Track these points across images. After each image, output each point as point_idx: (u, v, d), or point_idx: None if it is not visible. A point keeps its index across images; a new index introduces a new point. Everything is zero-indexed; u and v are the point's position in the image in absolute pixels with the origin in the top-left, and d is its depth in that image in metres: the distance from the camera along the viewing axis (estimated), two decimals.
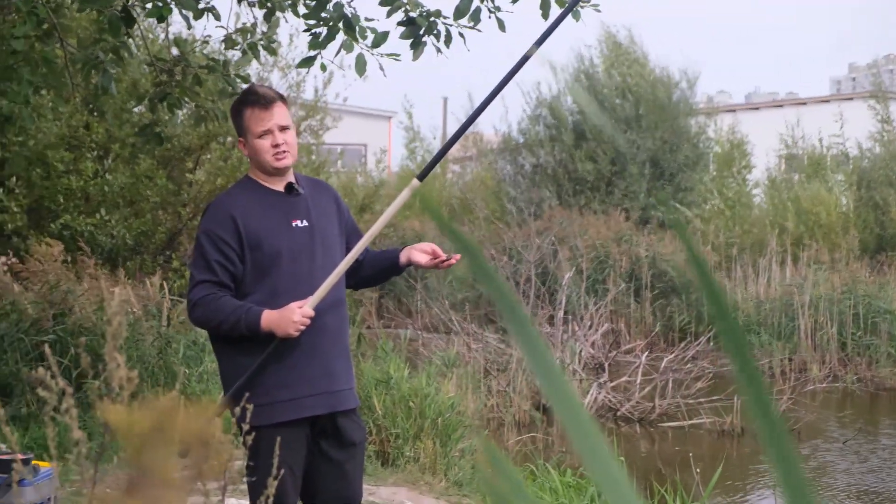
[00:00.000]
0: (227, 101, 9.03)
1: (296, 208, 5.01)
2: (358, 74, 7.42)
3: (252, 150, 5.01)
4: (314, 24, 7.40)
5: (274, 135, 4.95)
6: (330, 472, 5.08)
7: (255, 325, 4.75)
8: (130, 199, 14.07)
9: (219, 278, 4.85)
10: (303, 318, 4.76)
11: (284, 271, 4.90)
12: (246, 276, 4.91)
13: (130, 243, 13.67)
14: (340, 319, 5.07)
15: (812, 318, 18.00)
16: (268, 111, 4.97)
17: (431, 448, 9.07)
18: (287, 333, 4.74)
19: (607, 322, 17.85)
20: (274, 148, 4.95)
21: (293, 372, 4.88)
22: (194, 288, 4.87)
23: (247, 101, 5.03)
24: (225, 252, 4.86)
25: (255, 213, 4.94)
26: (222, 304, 4.79)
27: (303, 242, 4.95)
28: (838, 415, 15.03)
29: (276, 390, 4.86)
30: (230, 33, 8.55)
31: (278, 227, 4.94)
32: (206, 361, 10.40)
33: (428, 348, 14.97)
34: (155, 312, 10.86)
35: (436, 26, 7.41)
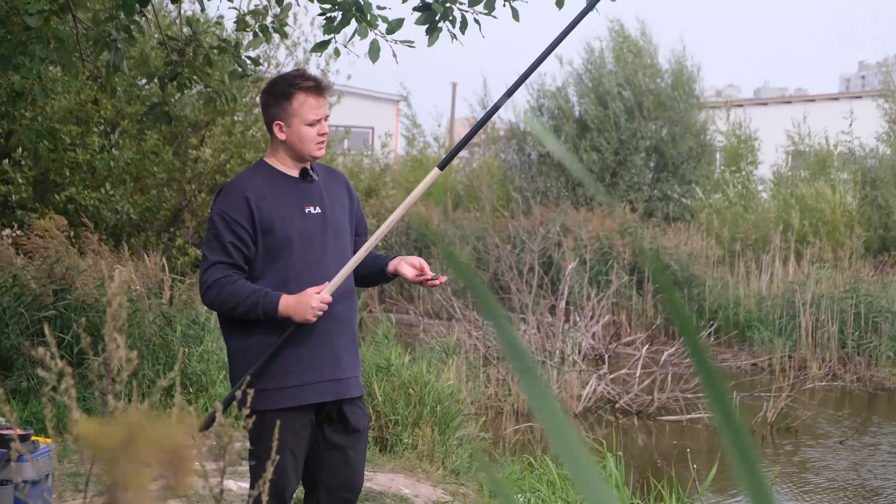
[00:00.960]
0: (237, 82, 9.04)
1: (309, 195, 5.03)
2: (371, 61, 7.40)
3: (296, 135, 4.99)
4: (329, 9, 7.38)
5: (322, 124, 4.98)
6: (333, 458, 5.10)
7: (273, 309, 4.76)
8: (136, 175, 14.07)
9: (234, 260, 4.87)
10: (321, 303, 4.78)
11: (296, 257, 4.92)
12: (257, 261, 4.92)
13: (135, 219, 13.67)
14: (350, 309, 5.10)
15: (813, 316, 17.99)
16: (323, 99, 5.00)
17: (430, 436, 9.08)
18: (305, 319, 4.77)
19: (608, 314, 17.88)
20: (320, 137, 4.98)
21: (301, 359, 4.90)
22: (208, 269, 4.88)
23: (301, 86, 5.00)
24: (239, 234, 4.87)
25: (268, 197, 4.95)
26: (239, 287, 4.81)
27: (315, 229, 4.97)
28: (837, 413, 15.04)
29: (284, 376, 4.89)
30: (242, 15, 8.55)
31: (291, 213, 4.95)
32: (207, 341, 10.39)
33: (428, 334, 14.98)
34: (157, 291, 10.85)
35: (451, 12, 7.38)
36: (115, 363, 2.18)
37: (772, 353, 17.68)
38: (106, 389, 2.20)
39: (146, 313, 10.11)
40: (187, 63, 8.46)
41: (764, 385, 15.56)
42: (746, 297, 19.74)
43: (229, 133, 14.84)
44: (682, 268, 20.84)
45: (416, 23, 7.35)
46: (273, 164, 5.07)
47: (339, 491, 5.12)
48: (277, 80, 5.16)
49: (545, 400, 1.18)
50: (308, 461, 5.09)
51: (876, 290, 18.48)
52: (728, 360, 17.93)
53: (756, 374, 17.02)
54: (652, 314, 20.08)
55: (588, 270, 18.32)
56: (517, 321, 15.51)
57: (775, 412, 13.63)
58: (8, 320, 9.88)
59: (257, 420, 4.89)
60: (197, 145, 14.71)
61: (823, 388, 16.34)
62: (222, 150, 14.64)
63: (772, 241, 21.42)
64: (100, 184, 13.51)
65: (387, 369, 9.48)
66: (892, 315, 17.81)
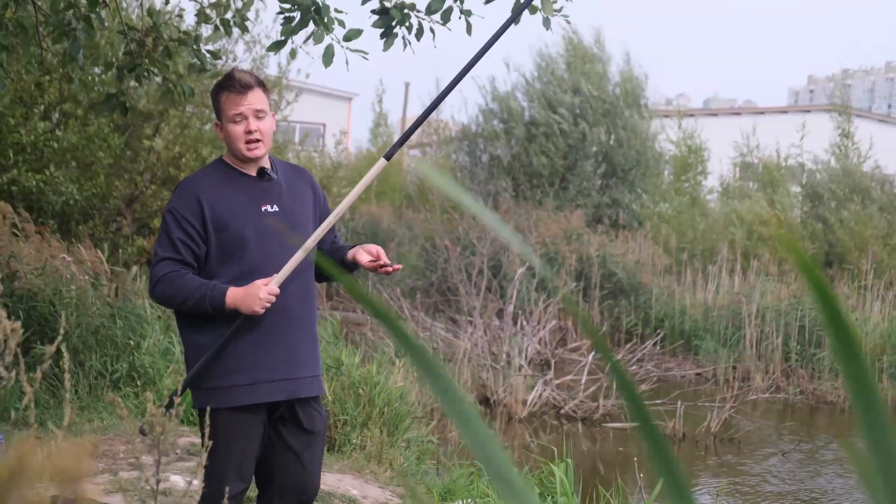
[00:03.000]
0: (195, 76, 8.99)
1: (267, 193, 5.02)
2: (324, 65, 7.41)
3: (226, 134, 5.02)
4: (288, 9, 7.37)
5: (248, 121, 4.97)
6: (287, 459, 5.08)
7: (221, 301, 4.76)
8: (83, 161, 13.88)
9: (182, 256, 4.86)
10: (268, 294, 4.77)
11: (253, 255, 4.90)
12: (213, 259, 4.92)
13: (82, 204, 13.50)
14: (308, 306, 5.07)
15: (758, 328, 18.14)
16: (243, 96, 4.98)
17: (378, 437, 9.08)
18: (252, 311, 4.76)
19: (555, 319, 17.93)
20: (246, 135, 4.96)
21: (254, 356, 4.89)
22: (158, 264, 4.88)
23: (224, 85, 5.03)
24: (188, 231, 4.87)
25: (222, 195, 4.95)
26: (186, 281, 4.81)
27: (272, 228, 4.95)
28: (779, 425, 15.15)
29: (236, 374, 4.87)
30: (203, 7, 8.50)
31: (246, 211, 4.94)
32: (151, 334, 10.34)
33: (376, 333, 14.99)
34: (103, 282, 10.79)
35: (409, 18, 7.40)
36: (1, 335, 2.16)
37: (716, 363, 17.81)
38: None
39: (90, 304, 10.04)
40: (147, 54, 8.41)
41: (708, 395, 15.65)
42: (693, 307, 19.88)
43: (184, 126, 14.73)
44: (629, 275, 20.95)
45: (372, 26, 7.35)
46: (230, 161, 5.08)
47: (292, 493, 5.09)
48: (215, 83, 5.20)
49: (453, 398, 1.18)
50: (262, 461, 5.07)
51: None
52: (673, 369, 18.02)
53: (700, 384, 17.12)
54: (598, 321, 20.16)
55: (536, 276, 18.35)
56: (465, 324, 15.53)
57: (719, 422, 13.72)
58: None
59: (210, 417, 4.89)
60: (150, 136, 14.58)
61: (767, 399, 16.46)
62: (176, 142, 14.53)
63: (719, 252, 21.57)
64: (44, 165, 13.35)
65: (337, 369, 9.47)
66: None
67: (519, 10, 5.72)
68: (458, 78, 5.17)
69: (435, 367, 1.17)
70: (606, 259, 21.16)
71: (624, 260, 21.33)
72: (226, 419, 4.88)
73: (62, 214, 13.60)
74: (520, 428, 13.61)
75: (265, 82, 5.24)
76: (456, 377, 13.80)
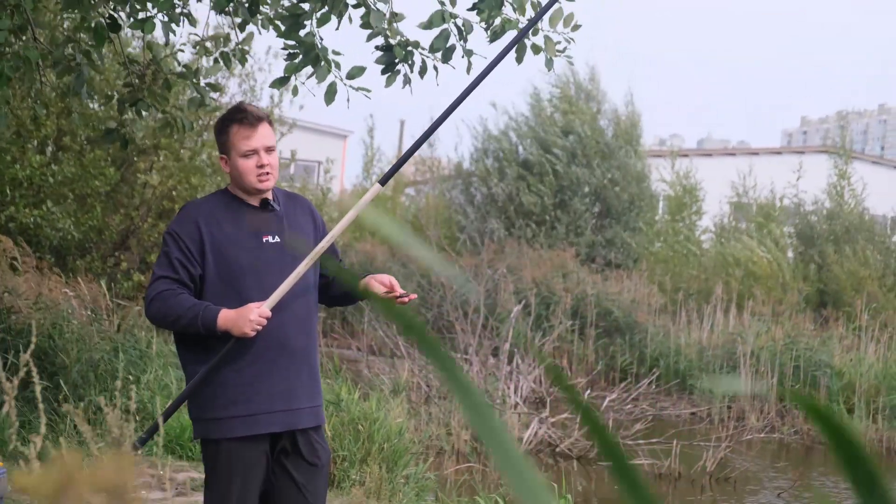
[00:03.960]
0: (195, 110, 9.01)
1: (268, 224, 5.06)
2: (326, 103, 7.47)
3: (235, 168, 5.05)
4: (292, 46, 7.40)
5: (259, 155, 5.00)
6: (290, 491, 5.07)
7: (212, 322, 4.78)
8: (79, 194, 13.85)
9: (178, 276, 4.91)
10: (259, 317, 4.79)
11: (252, 286, 4.94)
12: (209, 287, 4.95)
13: (79, 238, 13.49)
14: (306, 337, 5.08)
15: (753, 368, 18.12)
16: (255, 130, 5.02)
17: (378, 473, 9.06)
18: (243, 333, 4.78)
19: (550, 357, 17.91)
20: (258, 169, 5.00)
21: (251, 388, 4.90)
22: (154, 283, 4.93)
23: (234, 119, 5.06)
24: (185, 253, 4.92)
25: (223, 225, 5.00)
26: (180, 301, 4.84)
27: (272, 258, 5.00)
28: (774, 465, 15.13)
29: (234, 405, 4.89)
30: (203, 40, 8.53)
31: (247, 242, 4.99)
32: (151, 369, 10.34)
33: (372, 370, 14.97)
34: (101, 316, 10.78)
35: (412, 55, 7.43)
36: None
37: (711, 402, 17.79)
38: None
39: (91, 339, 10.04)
40: (147, 87, 8.43)
41: (703, 434, 15.62)
42: (688, 346, 19.87)
43: (177, 158, 14.72)
44: (625, 314, 20.95)
45: (375, 62, 7.39)
46: (234, 192, 5.13)
47: None
48: (220, 117, 5.24)
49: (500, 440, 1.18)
50: (266, 493, 5.06)
51: (815, 345, 18.66)
52: (668, 408, 18.00)
53: (695, 423, 17.09)
54: (593, 359, 20.14)
55: (533, 314, 18.34)
56: (461, 361, 15.52)
57: (715, 461, 13.69)
58: None
59: (210, 449, 4.91)
60: (145, 170, 14.56)
61: (762, 439, 16.43)
62: (170, 175, 14.52)
63: (714, 292, 21.59)
64: (41, 201, 13.34)
65: (336, 405, 9.46)
66: (831, 369, 17.98)
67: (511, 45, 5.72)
68: (453, 107, 5.29)
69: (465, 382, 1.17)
70: (601, 297, 21.16)
71: (619, 298, 21.34)
72: (226, 451, 4.89)
73: (60, 249, 13.59)
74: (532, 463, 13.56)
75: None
76: (451, 414, 13.76)
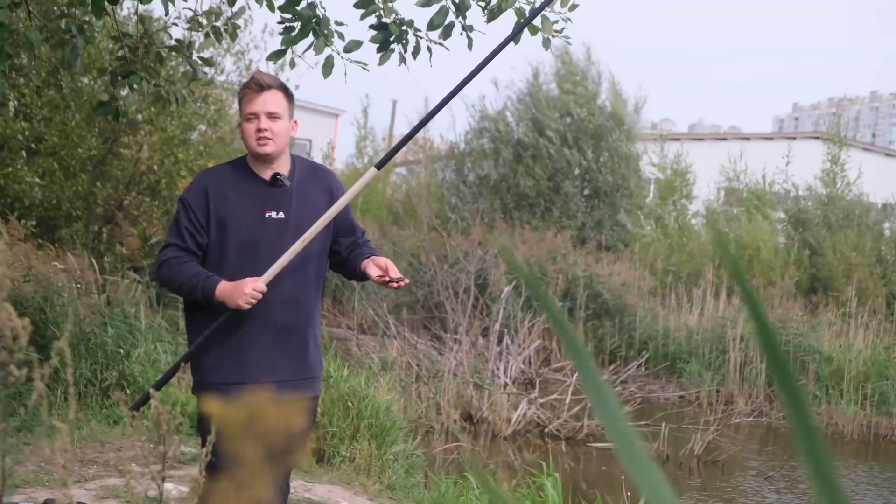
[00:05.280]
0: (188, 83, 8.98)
1: (274, 199, 5.15)
2: (324, 76, 7.46)
3: (241, 132, 5.18)
4: (289, 19, 7.38)
5: (259, 119, 5.10)
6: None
7: (210, 293, 4.96)
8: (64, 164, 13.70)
9: (185, 244, 5.10)
10: (254, 291, 4.92)
11: (248, 259, 5.06)
12: (213, 255, 5.11)
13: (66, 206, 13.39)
14: (294, 315, 5.16)
15: (742, 352, 18.14)
16: (258, 95, 5.13)
17: (367, 449, 9.07)
18: (237, 305, 4.94)
19: (539, 339, 17.91)
20: (257, 133, 5.09)
21: (226, 359, 5.08)
22: (164, 250, 5.16)
23: (245, 85, 5.23)
24: (193, 221, 5.10)
25: (228, 195, 5.13)
26: (185, 268, 5.04)
27: (273, 234, 5.09)
28: (762, 449, 15.15)
29: (213, 372, 5.08)
30: (196, 14, 8.51)
31: (247, 216, 5.09)
32: (142, 342, 10.34)
33: (360, 349, 14.97)
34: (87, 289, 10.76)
35: (406, 35, 7.42)
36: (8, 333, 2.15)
37: (700, 386, 17.80)
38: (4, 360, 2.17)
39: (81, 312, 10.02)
40: (140, 61, 8.40)
41: (692, 418, 15.64)
42: (677, 330, 19.89)
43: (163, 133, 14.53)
44: (615, 297, 20.94)
45: (370, 40, 7.37)
46: (249, 162, 5.23)
47: None
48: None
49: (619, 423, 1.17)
50: None
51: (805, 330, 18.68)
52: (656, 392, 18.02)
53: (683, 407, 17.10)
54: (583, 341, 20.10)
55: (521, 295, 18.34)
56: (450, 341, 15.52)
57: (702, 445, 13.72)
58: None
59: (201, 404, 5.04)
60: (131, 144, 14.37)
61: (749, 423, 16.46)
62: (155, 149, 14.37)
63: (704, 275, 21.59)
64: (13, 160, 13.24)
65: (325, 381, 9.45)
66: (820, 355, 18.00)
67: (517, 30, 5.76)
68: (454, 93, 5.29)
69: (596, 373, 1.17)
70: (592, 280, 21.16)
71: (609, 281, 21.34)
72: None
73: (47, 219, 13.53)
74: (504, 445, 13.60)
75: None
76: (440, 394, 13.77)
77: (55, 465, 1.94)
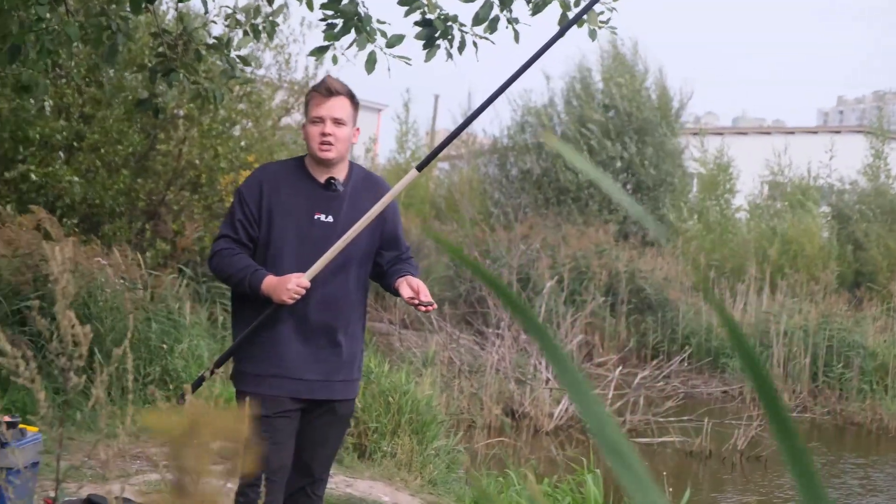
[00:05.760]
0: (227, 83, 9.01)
1: (325, 202, 5.24)
2: (367, 72, 7.48)
3: (304, 134, 5.32)
4: (331, 16, 7.39)
5: (325, 124, 5.21)
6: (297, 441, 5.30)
7: (257, 286, 5.07)
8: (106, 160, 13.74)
9: (237, 236, 5.23)
10: (297, 286, 5.02)
11: (291, 259, 5.14)
12: (260, 249, 5.23)
13: (109, 203, 13.45)
14: (329, 317, 5.22)
15: (786, 348, 18.04)
16: (326, 100, 5.24)
17: (408, 445, 9.08)
18: (280, 300, 5.03)
19: (582, 333, 17.87)
20: (321, 136, 5.20)
21: (262, 352, 5.17)
22: (217, 240, 5.30)
23: (314, 88, 5.36)
24: (247, 215, 5.22)
25: (281, 193, 5.24)
26: (235, 260, 5.18)
27: (319, 236, 5.17)
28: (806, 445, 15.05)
29: (248, 363, 5.20)
30: (234, 11, 8.54)
31: (297, 215, 5.20)
32: (186, 338, 10.39)
33: (403, 344, 14.98)
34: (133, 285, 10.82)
35: (451, 31, 7.42)
36: (69, 339, 2.17)
37: (743, 381, 17.70)
38: (65, 366, 2.19)
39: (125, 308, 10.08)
40: (179, 58, 8.44)
41: (735, 413, 15.58)
42: (720, 325, 19.77)
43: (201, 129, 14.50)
44: (657, 291, 20.87)
45: (415, 37, 7.37)
46: (307, 163, 5.33)
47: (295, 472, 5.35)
48: None
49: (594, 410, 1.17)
50: None
51: (849, 325, 18.56)
52: (699, 387, 17.96)
53: (727, 402, 17.04)
54: (625, 336, 20.07)
55: (564, 289, 18.30)
56: (492, 336, 15.50)
57: (745, 440, 13.66)
58: None
59: (240, 400, 5.10)
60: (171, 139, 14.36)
61: (793, 419, 16.36)
62: (196, 145, 14.38)
63: (747, 270, 21.48)
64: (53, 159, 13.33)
65: (366, 377, 9.47)
66: (864, 350, 17.88)
67: (567, 26, 5.74)
68: (500, 91, 5.36)
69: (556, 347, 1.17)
70: (635, 274, 21.10)
71: (652, 276, 21.26)
72: (242, 400, 5.17)
73: (90, 216, 13.61)
74: (546, 440, 13.57)
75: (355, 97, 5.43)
76: (482, 389, 13.77)
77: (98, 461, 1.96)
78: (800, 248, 24.02)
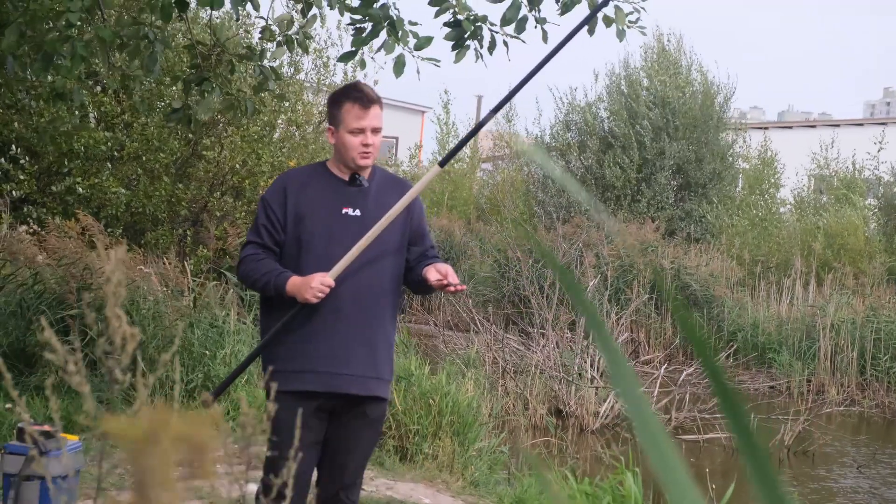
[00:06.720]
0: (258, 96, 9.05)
1: (351, 197, 5.29)
2: (395, 76, 7.51)
3: (341, 143, 5.29)
4: (360, 20, 7.42)
5: (366, 134, 5.24)
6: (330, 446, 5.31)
7: (282, 287, 5.12)
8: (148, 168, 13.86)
9: (263, 241, 5.29)
10: (321, 285, 5.04)
11: (321, 252, 5.17)
12: (288, 248, 5.26)
13: (150, 210, 13.56)
14: (363, 309, 5.23)
15: (833, 341, 17.94)
16: (367, 111, 5.25)
17: (449, 446, 9.10)
18: (305, 299, 5.07)
19: (627, 331, 17.85)
20: (363, 147, 5.24)
21: (294, 347, 5.18)
22: (244, 247, 5.38)
23: (349, 96, 5.31)
24: (272, 219, 5.28)
25: (307, 191, 5.29)
26: (261, 265, 5.22)
27: (347, 230, 5.20)
28: (854, 439, 14.99)
29: (282, 360, 5.16)
30: (268, 23, 8.58)
31: (325, 210, 5.24)
32: (228, 344, 10.45)
33: (447, 346, 15.00)
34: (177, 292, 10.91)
35: (481, 31, 7.44)
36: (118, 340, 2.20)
37: (790, 376, 17.61)
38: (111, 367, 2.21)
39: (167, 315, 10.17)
40: (212, 68, 8.50)
41: (781, 408, 15.52)
42: (766, 320, 19.70)
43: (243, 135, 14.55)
44: (703, 288, 20.81)
45: (444, 38, 7.40)
46: (329, 165, 5.39)
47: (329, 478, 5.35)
48: (335, 90, 5.54)
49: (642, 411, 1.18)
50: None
51: None
52: (746, 382, 17.89)
53: (774, 397, 16.98)
54: (670, 333, 20.02)
55: (608, 287, 18.28)
56: (537, 336, 15.50)
57: (793, 435, 13.60)
58: (31, 317, 9.94)
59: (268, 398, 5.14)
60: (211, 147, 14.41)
61: (841, 413, 16.29)
62: (238, 151, 14.44)
63: (793, 265, 21.38)
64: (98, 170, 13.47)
65: (407, 379, 9.50)
66: None
67: (586, 19, 5.75)
68: (521, 84, 5.38)
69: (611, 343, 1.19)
70: (680, 271, 21.05)
71: (698, 272, 21.20)
72: (279, 401, 5.07)
73: (134, 224, 13.72)
74: (591, 439, 13.56)
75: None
76: (528, 389, 13.77)
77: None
78: (843, 241, 23.85)
